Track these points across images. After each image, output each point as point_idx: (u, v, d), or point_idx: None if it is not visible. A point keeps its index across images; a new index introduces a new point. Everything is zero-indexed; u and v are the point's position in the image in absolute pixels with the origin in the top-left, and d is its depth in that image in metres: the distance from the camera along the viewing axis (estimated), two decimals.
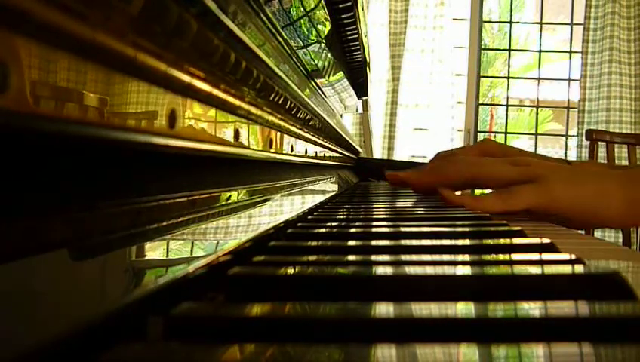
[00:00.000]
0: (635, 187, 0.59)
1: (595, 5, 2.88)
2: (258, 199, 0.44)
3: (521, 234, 0.37)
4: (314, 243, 0.33)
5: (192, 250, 0.26)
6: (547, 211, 0.59)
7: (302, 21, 0.66)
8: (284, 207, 0.48)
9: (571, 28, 3.22)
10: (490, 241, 0.33)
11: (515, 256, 0.27)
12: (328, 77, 0.95)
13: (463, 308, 0.18)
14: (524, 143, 6.35)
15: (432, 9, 3.00)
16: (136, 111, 0.22)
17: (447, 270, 0.24)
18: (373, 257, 0.28)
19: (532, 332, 0.17)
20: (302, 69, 0.65)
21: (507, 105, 3.84)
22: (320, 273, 0.24)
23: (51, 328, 0.14)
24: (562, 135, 3.64)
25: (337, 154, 1.04)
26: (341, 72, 1.09)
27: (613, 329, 0.17)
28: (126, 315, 0.17)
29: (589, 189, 0.59)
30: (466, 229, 0.41)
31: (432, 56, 3.01)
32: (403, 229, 0.41)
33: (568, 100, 3.25)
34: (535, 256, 0.27)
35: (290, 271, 0.24)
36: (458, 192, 0.68)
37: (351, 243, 0.34)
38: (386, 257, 0.27)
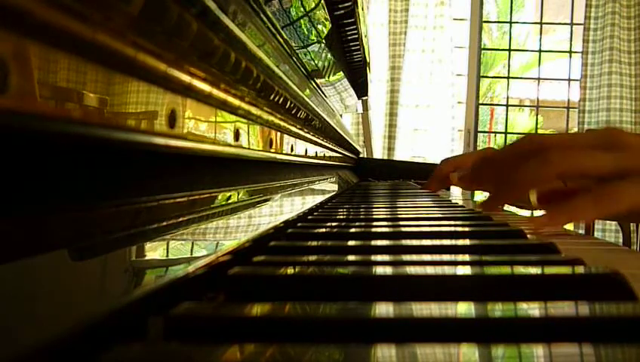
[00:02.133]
0: None
1: (595, 5, 2.88)
2: (258, 199, 0.44)
3: (521, 234, 0.37)
4: (314, 243, 0.33)
5: (192, 250, 0.26)
6: None
7: (302, 21, 0.66)
8: (284, 207, 0.48)
9: (571, 28, 3.22)
10: (490, 241, 0.33)
11: (516, 257, 0.27)
12: (328, 77, 0.94)
13: (463, 308, 0.18)
14: None
15: (432, 9, 3.00)
16: (136, 111, 0.22)
17: (448, 270, 0.24)
18: (373, 257, 0.28)
19: (532, 332, 0.17)
20: (302, 69, 0.65)
21: (507, 105, 3.84)
22: (320, 273, 0.24)
23: (51, 328, 0.14)
24: None
25: (337, 155, 1.04)
26: (341, 72, 1.09)
27: (613, 329, 0.17)
28: (126, 315, 0.17)
29: None
30: (467, 229, 0.41)
31: (432, 56, 3.01)
32: (403, 229, 0.41)
33: (568, 100, 3.25)
34: (535, 256, 0.27)
35: (290, 271, 0.24)
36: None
37: (351, 243, 0.34)
38: (385, 257, 0.27)
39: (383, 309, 0.18)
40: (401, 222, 0.46)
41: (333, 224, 0.46)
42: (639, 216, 0.45)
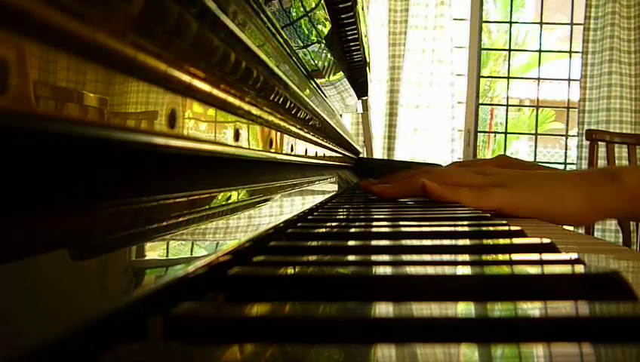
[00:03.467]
0: (589, 187, 0.68)
1: (595, 5, 2.88)
2: (258, 199, 0.44)
3: (521, 234, 0.37)
4: (314, 243, 0.33)
5: (192, 250, 0.26)
6: (514, 213, 0.66)
7: (302, 21, 0.66)
8: (284, 207, 0.48)
9: (571, 28, 3.22)
10: (490, 241, 0.33)
11: (515, 256, 0.27)
12: (328, 77, 0.95)
13: (463, 308, 0.18)
14: (524, 143, 6.35)
15: (432, 9, 3.00)
16: (136, 111, 0.22)
17: (447, 270, 0.24)
18: (373, 257, 0.28)
19: (532, 332, 0.17)
20: (302, 69, 0.65)
21: (507, 105, 3.84)
22: (320, 273, 0.24)
23: (51, 328, 0.14)
24: (562, 135, 3.64)
25: (337, 155, 1.04)
26: (341, 72, 1.09)
27: (613, 329, 0.17)
28: (126, 315, 0.17)
29: (547, 193, 0.67)
30: (466, 229, 0.41)
31: (432, 56, 3.01)
32: (403, 229, 0.41)
33: (568, 100, 3.25)
34: (535, 256, 0.27)
35: (290, 271, 0.24)
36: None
37: (351, 243, 0.34)
38: (385, 257, 0.27)
39: (383, 309, 0.18)
40: (401, 222, 0.46)
41: (333, 224, 0.46)
42: (513, 216, 0.65)
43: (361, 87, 1.48)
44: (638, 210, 0.69)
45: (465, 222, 0.45)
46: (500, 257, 0.27)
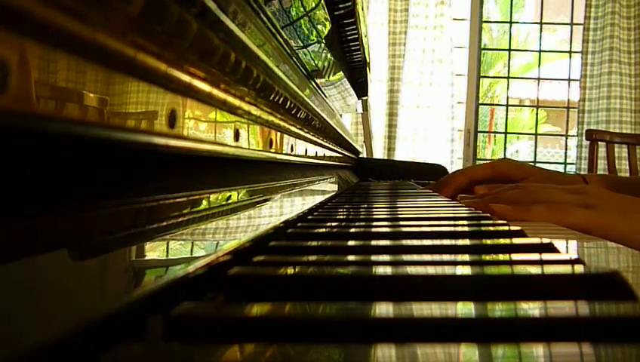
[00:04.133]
0: None
1: (595, 5, 2.88)
2: (258, 199, 0.44)
3: (521, 234, 0.37)
4: (314, 243, 0.33)
5: (192, 250, 0.26)
6: (595, 235, 0.59)
7: (302, 21, 0.66)
8: (284, 207, 0.48)
9: (571, 28, 3.22)
10: (490, 241, 0.33)
11: (515, 256, 0.27)
12: (328, 77, 0.95)
13: (463, 308, 0.18)
14: (524, 143, 6.35)
15: (432, 8, 3.00)
16: (136, 111, 0.22)
17: (448, 270, 0.24)
18: (374, 257, 0.28)
19: (532, 332, 0.17)
20: (302, 69, 0.65)
21: (507, 105, 3.84)
22: (320, 273, 0.24)
23: (51, 328, 0.14)
24: (562, 135, 3.64)
25: (337, 155, 1.04)
26: (341, 72, 1.09)
27: (613, 329, 0.17)
28: (126, 315, 0.17)
29: (636, 225, 0.60)
30: (466, 229, 0.41)
31: (432, 56, 3.01)
32: (403, 229, 0.41)
33: (568, 100, 3.25)
34: (535, 256, 0.27)
35: (290, 271, 0.24)
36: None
37: (351, 243, 0.34)
38: (386, 257, 0.27)
39: (383, 309, 0.18)
40: (401, 222, 0.46)
41: (333, 224, 0.46)
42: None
43: (361, 87, 1.48)
44: None
45: (465, 222, 0.45)
46: (500, 257, 0.27)
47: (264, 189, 0.48)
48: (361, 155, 1.69)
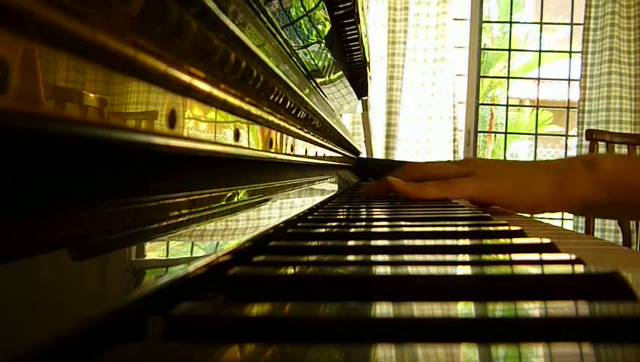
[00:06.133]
0: (563, 174, 0.69)
1: (595, 5, 2.88)
2: (258, 199, 0.44)
3: (521, 234, 0.37)
4: (314, 243, 0.33)
5: (192, 250, 0.26)
6: (482, 200, 0.68)
7: (302, 21, 0.66)
8: (284, 207, 0.48)
9: (571, 28, 3.22)
10: (490, 241, 0.33)
11: (515, 256, 0.27)
12: (328, 77, 0.95)
13: (463, 308, 0.18)
14: (524, 143, 6.35)
15: (433, 7, 3.00)
16: (136, 111, 0.22)
17: (448, 270, 0.24)
18: (373, 257, 0.28)
19: (532, 332, 0.17)
20: (302, 68, 0.65)
21: (507, 105, 3.84)
22: (320, 273, 0.24)
23: (51, 328, 0.14)
24: (562, 135, 3.64)
25: (337, 154, 1.04)
26: (341, 72, 1.09)
27: (613, 329, 0.17)
28: (126, 315, 0.17)
29: (514, 180, 0.69)
30: (466, 229, 0.41)
31: (433, 55, 3.01)
32: (403, 229, 0.41)
33: (568, 100, 3.25)
34: (535, 256, 0.27)
35: (290, 271, 0.24)
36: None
37: (351, 243, 0.34)
38: (385, 257, 0.27)
39: (383, 309, 0.18)
40: (401, 222, 0.46)
41: (333, 224, 0.46)
42: (483, 203, 0.68)
43: (361, 87, 1.48)
44: (615, 198, 0.68)
45: (465, 222, 0.45)
46: (500, 257, 0.27)
47: (264, 189, 0.48)
48: (361, 155, 1.69)
